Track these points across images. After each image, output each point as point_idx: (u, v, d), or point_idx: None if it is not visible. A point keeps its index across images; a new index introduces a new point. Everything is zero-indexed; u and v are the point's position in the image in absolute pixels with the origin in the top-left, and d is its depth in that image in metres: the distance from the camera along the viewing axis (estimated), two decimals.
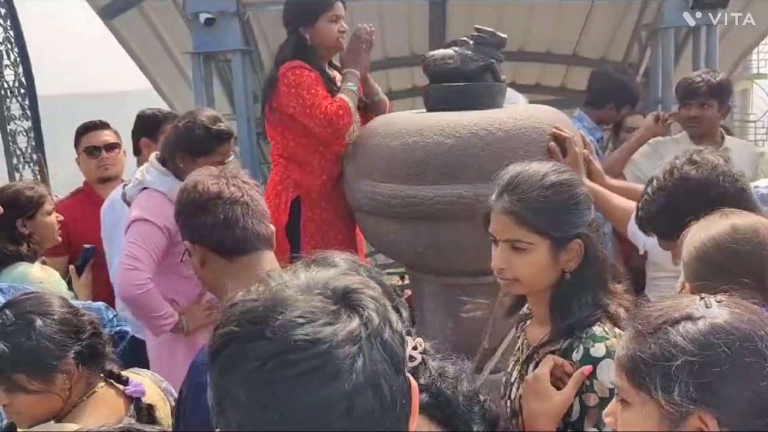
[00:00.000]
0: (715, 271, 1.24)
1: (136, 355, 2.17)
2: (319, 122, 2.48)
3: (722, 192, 1.60)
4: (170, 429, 1.54)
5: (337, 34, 2.64)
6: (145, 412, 1.48)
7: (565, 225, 1.33)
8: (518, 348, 1.52)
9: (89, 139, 2.99)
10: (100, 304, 2.02)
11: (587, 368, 1.27)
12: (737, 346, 0.87)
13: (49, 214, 2.52)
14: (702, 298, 0.94)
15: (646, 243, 2.00)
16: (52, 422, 1.40)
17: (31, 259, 2.36)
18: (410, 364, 1.05)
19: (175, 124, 2.32)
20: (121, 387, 1.50)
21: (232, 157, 2.40)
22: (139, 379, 1.57)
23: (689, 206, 1.50)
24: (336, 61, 2.80)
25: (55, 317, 1.42)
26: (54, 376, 1.40)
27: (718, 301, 0.93)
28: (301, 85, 2.52)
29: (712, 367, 0.86)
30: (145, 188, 2.28)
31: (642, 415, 0.93)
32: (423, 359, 1.08)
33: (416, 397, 0.73)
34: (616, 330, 1.29)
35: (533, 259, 1.34)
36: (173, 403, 1.65)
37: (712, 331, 0.88)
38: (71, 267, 2.54)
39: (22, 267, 2.31)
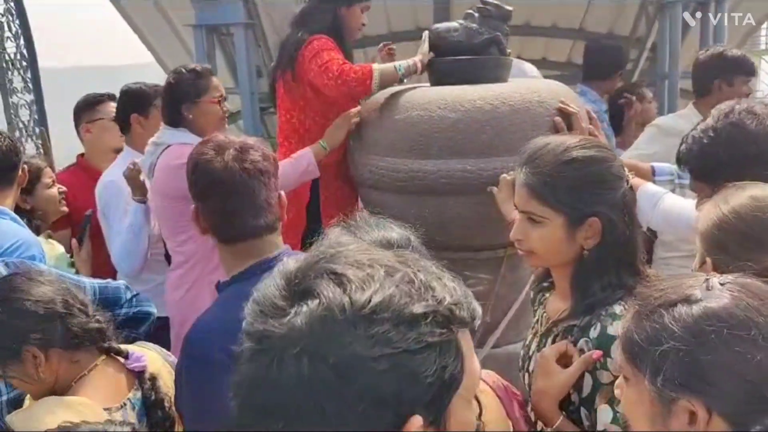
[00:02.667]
0: (738, 239, 1.23)
1: (159, 335, 2.08)
2: (330, 77, 2.43)
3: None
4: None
5: (359, 24, 2.74)
6: (149, 385, 1.48)
7: (579, 202, 1.30)
8: (537, 321, 1.51)
9: (113, 108, 2.87)
10: (120, 283, 1.99)
11: (596, 353, 1.26)
12: (727, 333, 0.85)
13: (49, 186, 2.49)
14: (707, 279, 0.93)
15: (651, 221, 1.99)
16: (55, 396, 1.40)
17: (35, 234, 2.35)
18: None
19: (166, 82, 2.43)
20: (122, 361, 1.49)
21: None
22: (143, 351, 1.57)
23: (733, 155, 1.53)
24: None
25: (15, 305, 1.41)
26: (21, 362, 1.40)
27: (722, 283, 0.91)
28: (322, 50, 2.52)
29: (701, 354, 0.85)
30: (168, 147, 2.33)
31: (637, 393, 0.93)
32: None
33: None
34: None
35: (547, 233, 1.33)
36: None
37: (704, 317, 0.87)
38: (73, 241, 2.52)
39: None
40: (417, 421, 0.61)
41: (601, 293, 1.31)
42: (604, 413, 1.26)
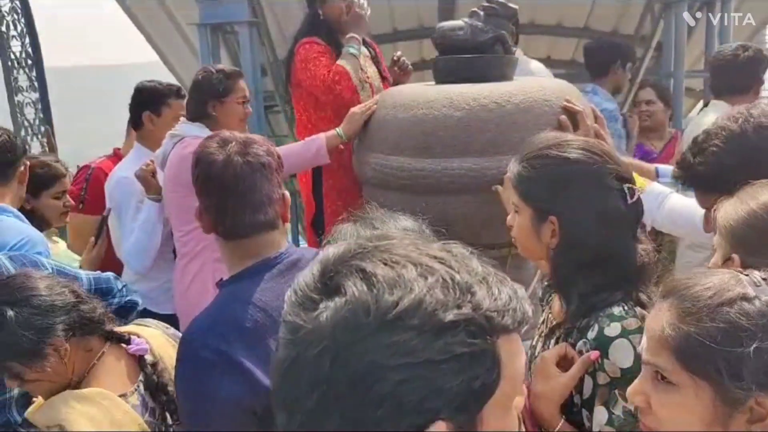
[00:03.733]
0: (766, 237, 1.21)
1: None
2: (321, 90, 2.76)
3: None
4: None
5: (342, 10, 2.89)
6: (150, 369, 1.50)
7: (541, 199, 1.33)
8: (542, 321, 1.51)
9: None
10: (109, 274, 2.02)
11: (594, 353, 1.25)
12: None
13: (56, 197, 2.45)
14: (746, 275, 0.91)
15: (655, 220, 1.98)
16: (71, 390, 1.42)
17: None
18: None
19: (194, 79, 2.53)
20: (124, 346, 1.52)
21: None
22: (144, 332, 1.59)
23: (766, 155, 1.48)
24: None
25: (33, 302, 1.42)
26: (44, 358, 1.40)
27: (764, 278, 0.91)
28: (308, 58, 2.79)
29: None
30: (183, 138, 2.39)
31: (692, 398, 0.90)
32: None
33: None
34: (638, 309, 1.27)
35: (520, 222, 1.37)
36: None
37: None
38: (91, 239, 2.52)
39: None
40: (440, 426, 0.58)
41: (594, 296, 1.30)
42: (599, 414, 1.26)
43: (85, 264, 2.43)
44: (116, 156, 3.01)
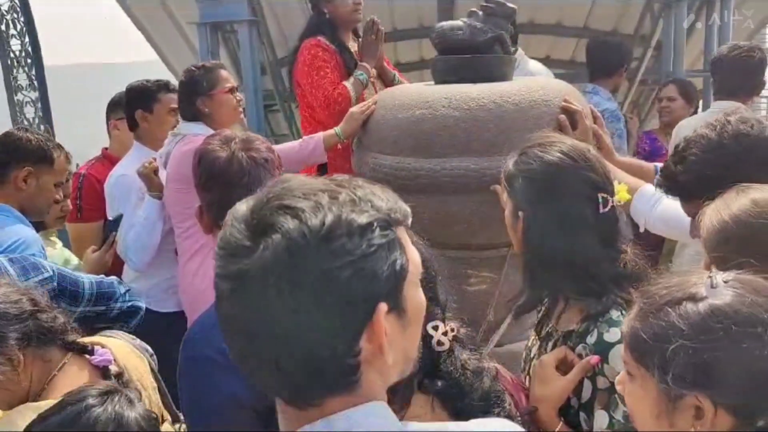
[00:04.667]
0: (738, 247, 1.21)
1: (150, 329, 2.11)
2: (319, 102, 2.79)
3: None
4: (148, 387, 1.53)
5: (351, 7, 2.90)
6: (114, 381, 1.45)
7: (515, 194, 1.40)
8: (539, 322, 1.52)
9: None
10: (113, 278, 2.00)
11: (594, 358, 1.27)
12: (735, 330, 0.86)
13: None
14: (710, 277, 0.93)
15: (648, 221, 1.98)
16: (29, 403, 1.37)
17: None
18: (438, 349, 1.08)
19: (179, 81, 2.55)
20: (88, 357, 1.47)
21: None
22: (109, 342, 1.55)
23: (748, 164, 1.47)
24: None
25: None
26: None
27: (725, 281, 0.92)
28: (312, 65, 2.81)
29: (709, 351, 0.86)
30: (184, 137, 2.42)
31: (643, 389, 0.94)
32: (451, 347, 1.09)
33: None
34: None
35: (506, 214, 1.45)
36: (150, 359, 1.66)
37: (711, 314, 0.88)
38: (92, 247, 2.52)
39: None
40: (383, 307, 0.72)
41: (577, 300, 1.35)
42: (600, 418, 1.27)
43: (87, 267, 2.42)
44: (105, 157, 3.00)
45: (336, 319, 0.71)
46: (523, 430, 0.83)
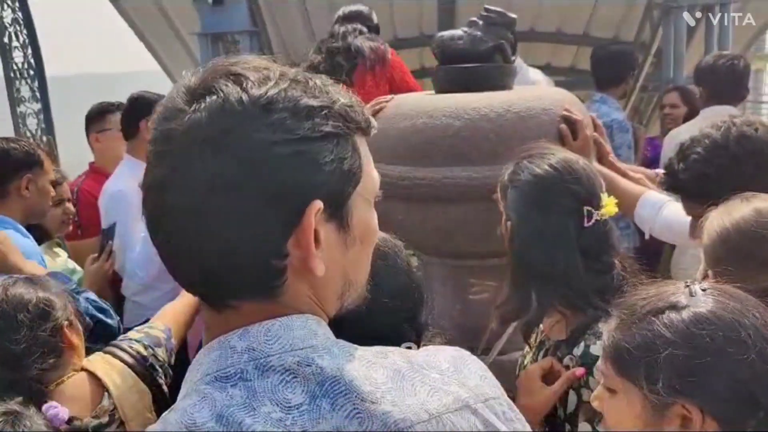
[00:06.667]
0: (738, 257, 1.21)
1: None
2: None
3: None
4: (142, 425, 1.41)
5: None
6: None
7: (507, 204, 1.44)
8: (532, 332, 1.53)
9: (119, 118, 2.86)
10: (107, 307, 1.89)
11: (579, 370, 1.28)
12: (720, 336, 0.86)
13: (57, 204, 2.42)
14: (687, 286, 0.94)
15: (653, 228, 1.98)
16: None
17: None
18: None
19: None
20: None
21: None
22: (104, 378, 1.41)
23: (749, 166, 1.48)
24: None
25: None
26: None
27: (703, 289, 0.93)
28: (405, 71, 3.04)
29: (696, 358, 0.87)
30: None
31: (626, 403, 0.94)
32: None
33: None
34: None
35: (502, 223, 1.49)
36: (160, 378, 1.54)
37: (695, 322, 0.88)
38: (90, 257, 2.53)
39: None
40: (317, 204, 0.64)
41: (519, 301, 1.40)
42: (583, 430, 1.27)
43: (89, 279, 2.42)
44: (94, 171, 3.01)
45: (262, 205, 0.62)
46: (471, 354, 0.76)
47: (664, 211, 1.92)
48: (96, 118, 2.97)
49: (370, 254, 0.76)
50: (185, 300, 1.83)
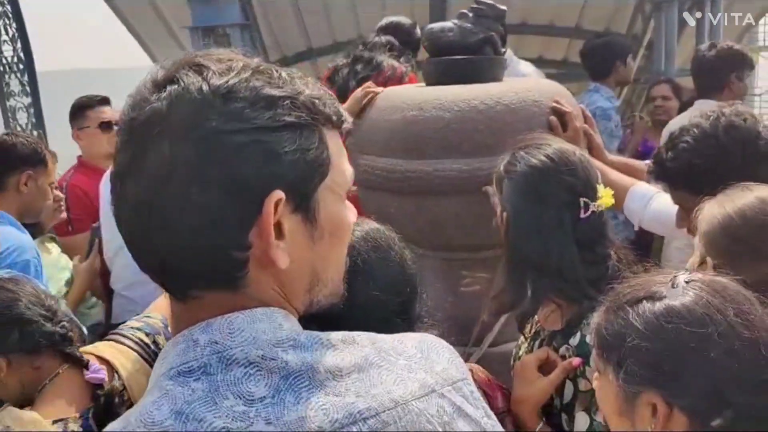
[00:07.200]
0: (740, 245, 1.21)
1: None
2: None
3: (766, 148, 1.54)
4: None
5: None
6: (102, 401, 1.40)
7: (500, 193, 1.44)
8: (527, 323, 1.53)
9: (101, 114, 2.94)
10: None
11: (576, 360, 1.28)
12: (686, 331, 0.86)
13: None
14: (674, 277, 0.94)
15: (642, 220, 1.99)
16: (10, 408, 1.36)
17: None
18: None
19: None
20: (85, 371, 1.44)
21: None
22: (116, 357, 1.49)
23: (737, 156, 1.48)
24: None
25: None
26: None
27: (687, 281, 0.92)
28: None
29: (660, 349, 0.87)
30: None
31: (606, 384, 0.95)
32: None
33: None
34: None
35: (497, 213, 1.49)
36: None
37: (666, 314, 0.88)
38: (76, 257, 2.52)
39: None
40: (277, 194, 0.63)
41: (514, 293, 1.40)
42: (580, 420, 1.28)
43: (79, 278, 2.42)
44: (82, 165, 3.01)
45: (220, 195, 0.62)
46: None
47: (653, 203, 1.93)
48: (76, 114, 2.98)
49: (343, 250, 0.75)
50: None
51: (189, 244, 0.63)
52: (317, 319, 0.73)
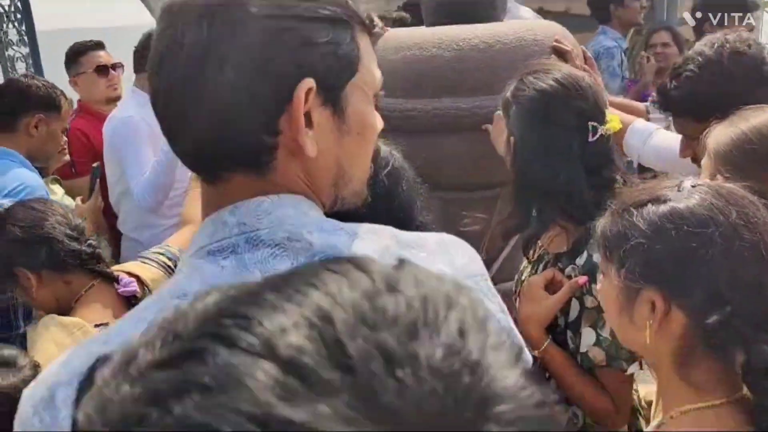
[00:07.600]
0: (755, 158, 1.22)
1: None
2: None
3: None
4: None
5: None
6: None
7: (507, 118, 1.43)
8: (531, 247, 1.55)
9: (96, 58, 2.92)
10: None
11: (582, 278, 1.30)
12: (685, 230, 0.88)
13: None
14: (680, 182, 0.95)
15: (641, 155, 2.00)
16: (54, 315, 1.46)
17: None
18: None
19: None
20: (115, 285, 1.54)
21: None
22: (144, 272, 1.59)
23: (742, 82, 1.48)
24: None
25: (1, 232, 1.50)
26: (13, 281, 1.51)
27: (693, 185, 0.94)
28: None
29: (662, 250, 0.89)
30: None
31: (609, 286, 0.97)
32: None
33: None
34: None
35: (503, 140, 1.48)
36: None
37: (668, 216, 0.90)
38: (79, 198, 2.54)
39: None
40: (308, 82, 0.64)
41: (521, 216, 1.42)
42: (587, 335, 1.31)
43: (81, 217, 2.44)
44: (83, 110, 3.01)
45: (253, 79, 0.63)
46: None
47: (653, 139, 1.94)
48: (71, 61, 2.96)
49: (369, 151, 0.76)
50: (187, 234, 1.88)
51: (222, 125, 0.64)
52: (339, 218, 0.74)
